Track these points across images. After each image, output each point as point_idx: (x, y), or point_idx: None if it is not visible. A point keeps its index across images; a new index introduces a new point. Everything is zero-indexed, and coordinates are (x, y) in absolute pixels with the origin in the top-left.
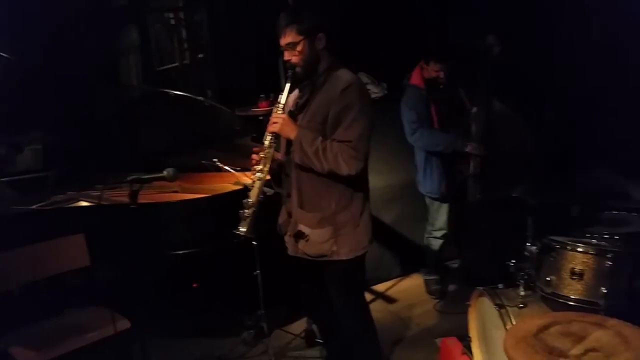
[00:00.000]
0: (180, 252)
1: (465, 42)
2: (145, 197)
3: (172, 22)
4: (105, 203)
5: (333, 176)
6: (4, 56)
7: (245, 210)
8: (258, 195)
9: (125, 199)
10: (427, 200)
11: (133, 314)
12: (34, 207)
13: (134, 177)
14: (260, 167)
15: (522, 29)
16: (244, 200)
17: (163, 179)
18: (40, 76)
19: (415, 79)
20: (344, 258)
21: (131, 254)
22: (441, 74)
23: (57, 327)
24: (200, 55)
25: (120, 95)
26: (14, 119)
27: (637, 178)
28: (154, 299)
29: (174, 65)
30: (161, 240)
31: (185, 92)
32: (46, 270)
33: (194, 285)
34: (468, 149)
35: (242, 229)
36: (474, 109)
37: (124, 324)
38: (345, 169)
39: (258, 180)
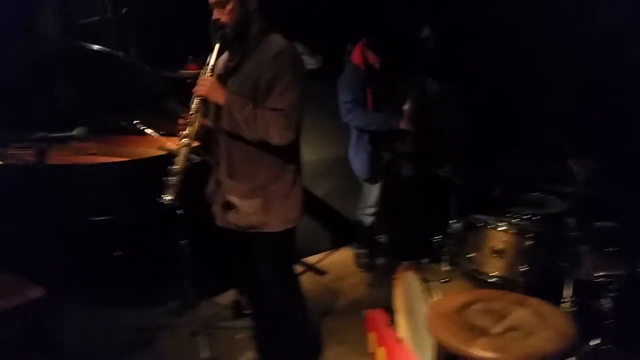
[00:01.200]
0: (100, 218)
1: (402, 29)
2: (59, 159)
3: None
4: (9, 162)
5: (263, 145)
6: None
7: (171, 178)
8: (184, 162)
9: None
10: (360, 179)
11: (48, 282)
12: None
13: (40, 135)
14: (186, 132)
15: (454, 17)
16: (169, 167)
17: (72, 138)
18: None
19: (356, 58)
20: (273, 230)
21: (43, 217)
22: (376, 63)
23: None
24: (124, 10)
25: (33, 46)
26: None
27: (552, 160)
28: (72, 266)
29: (95, 18)
30: (78, 205)
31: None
32: None
33: (117, 253)
34: (402, 125)
35: (168, 197)
36: (410, 84)
37: (37, 292)
38: (276, 138)
39: (184, 146)
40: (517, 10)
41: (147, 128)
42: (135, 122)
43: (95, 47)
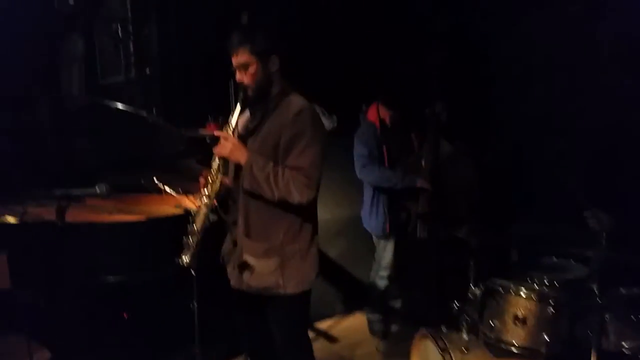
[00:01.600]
0: (112, 278)
1: (416, 84)
2: (76, 216)
3: (120, 34)
4: (29, 220)
5: (283, 204)
6: None
7: (190, 238)
8: (204, 222)
9: (52, 217)
10: (374, 239)
11: (55, 344)
12: None
13: (62, 192)
14: (207, 192)
15: (466, 82)
16: (189, 228)
17: (95, 195)
18: None
19: (372, 115)
20: (290, 292)
21: (57, 278)
22: (388, 118)
23: None
24: (147, 70)
25: (57, 104)
26: None
27: (572, 224)
28: (79, 328)
29: (118, 78)
30: (91, 265)
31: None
32: None
33: (124, 315)
34: (418, 183)
35: (185, 259)
36: (424, 147)
37: (43, 355)
38: (297, 197)
39: (204, 205)
40: (528, 73)
41: (166, 186)
42: (154, 179)
43: (119, 105)
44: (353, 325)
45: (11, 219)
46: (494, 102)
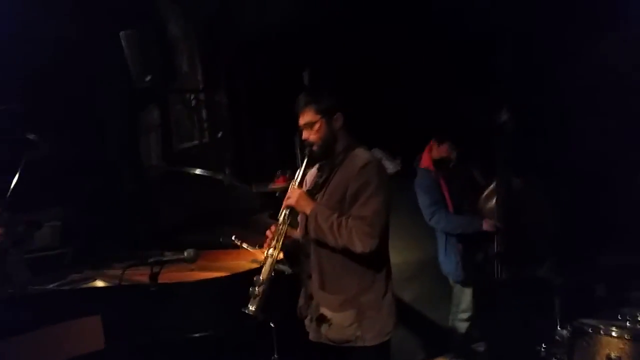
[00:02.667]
0: (196, 334)
1: (477, 118)
2: (161, 277)
3: (193, 102)
4: (125, 284)
5: (349, 254)
6: (31, 139)
7: (256, 288)
8: (270, 273)
9: (144, 279)
10: (451, 281)
11: None
12: (50, 286)
13: (155, 258)
14: (273, 243)
15: (533, 104)
16: (255, 278)
17: (184, 260)
18: (62, 155)
19: (425, 161)
20: (368, 344)
21: (147, 336)
22: (452, 154)
23: None
24: (219, 134)
25: (139, 174)
26: (35, 195)
27: None
28: None
29: (193, 143)
30: (176, 322)
31: (204, 169)
32: (60, 354)
33: None
34: (484, 227)
35: (251, 308)
36: (493, 185)
37: None
38: (359, 246)
39: (270, 256)
40: (605, 98)
41: (244, 242)
42: (233, 237)
43: (197, 170)
44: None
45: (101, 283)
46: (570, 129)
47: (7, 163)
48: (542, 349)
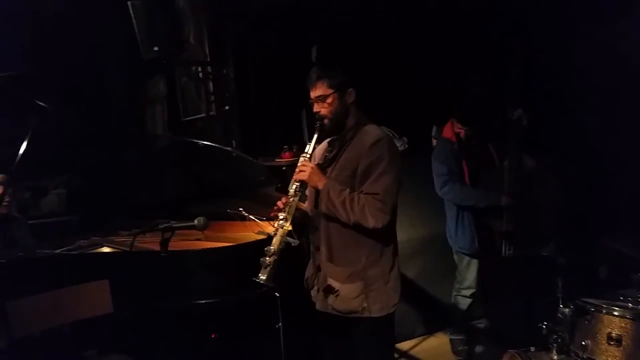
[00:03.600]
0: (202, 301)
1: (490, 103)
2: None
3: (200, 75)
4: (134, 250)
5: (359, 229)
6: (41, 105)
7: (267, 258)
8: (280, 244)
9: (152, 246)
10: (456, 257)
11: None
12: (58, 251)
13: (165, 225)
14: (283, 214)
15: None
16: (266, 248)
17: (194, 227)
18: (69, 123)
19: (447, 132)
20: (374, 315)
21: (154, 301)
22: (462, 133)
23: None
24: (226, 107)
25: (146, 144)
26: (42, 163)
27: None
28: (173, 347)
29: (200, 116)
30: (184, 289)
31: (210, 142)
32: (68, 316)
33: (213, 336)
34: (503, 201)
35: (262, 277)
36: (506, 162)
37: None
38: (371, 222)
39: (281, 228)
40: (615, 80)
41: (250, 214)
42: (240, 209)
43: (204, 142)
44: (435, 346)
45: (108, 249)
46: (580, 112)
47: (15, 130)
48: (544, 327)
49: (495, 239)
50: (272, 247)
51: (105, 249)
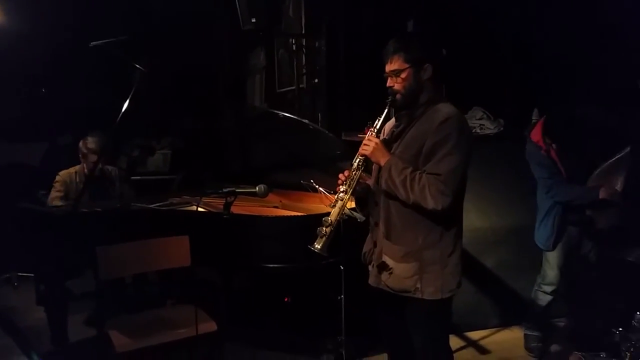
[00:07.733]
0: (272, 265)
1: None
2: (246, 209)
3: (294, 47)
4: (202, 209)
5: (419, 209)
6: (141, 69)
7: (323, 228)
8: (338, 215)
9: (237, 210)
10: (544, 252)
11: (221, 318)
12: (151, 206)
13: (229, 189)
14: (344, 187)
15: None
16: (324, 218)
17: (254, 194)
18: (176, 89)
19: (536, 135)
20: (427, 298)
21: (228, 260)
22: (551, 149)
23: (154, 319)
24: (315, 80)
25: (239, 113)
26: (152, 125)
27: None
28: (244, 306)
29: (291, 88)
30: (255, 252)
31: (298, 115)
32: (153, 264)
33: (286, 299)
34: (601, 194)
35: (317, 246)
36: (626, 150)
37: (210, 326)
38: (431, 203)
39: (340, 200)
40: None
41: (321, 187)
42: (311, 180)
43: (283, 114)
44: (508, 339)
45: (194, 208)
46: None
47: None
48: (617, 333)
49: (587, 237)
50: (329, 218)
51: (193, 208)
